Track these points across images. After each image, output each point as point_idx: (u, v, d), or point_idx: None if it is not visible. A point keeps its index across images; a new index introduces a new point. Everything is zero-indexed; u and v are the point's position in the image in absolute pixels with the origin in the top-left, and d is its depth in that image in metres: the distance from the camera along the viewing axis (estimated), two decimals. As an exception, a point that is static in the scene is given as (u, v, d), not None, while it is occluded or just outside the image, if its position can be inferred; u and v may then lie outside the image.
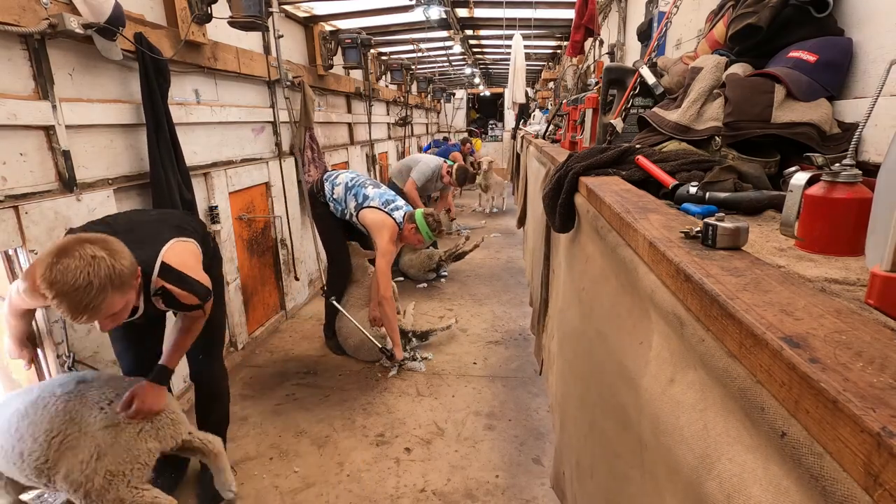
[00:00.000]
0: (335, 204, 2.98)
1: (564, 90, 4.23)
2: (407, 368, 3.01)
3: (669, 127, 1.24)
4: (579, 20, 3.41)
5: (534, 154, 3.00)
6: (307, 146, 3.98)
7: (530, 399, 2.67)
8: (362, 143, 6.13)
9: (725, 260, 0.55)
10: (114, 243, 1.25)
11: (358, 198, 2.91)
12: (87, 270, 1.14)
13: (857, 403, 0.29)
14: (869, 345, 0.36)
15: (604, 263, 0.94)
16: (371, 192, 2.92)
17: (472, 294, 4.29)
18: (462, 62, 9.06)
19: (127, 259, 1.25)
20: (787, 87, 1.08)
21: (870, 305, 0.45)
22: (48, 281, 1.12)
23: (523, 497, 1.99)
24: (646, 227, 0.68)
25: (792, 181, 0.65)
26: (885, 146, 0.90)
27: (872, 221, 0.53)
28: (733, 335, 0.42)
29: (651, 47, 1.90)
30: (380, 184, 3.09)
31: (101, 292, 1.16)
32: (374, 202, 2.88)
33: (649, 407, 0.63)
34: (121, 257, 1.23)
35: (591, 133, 2.02)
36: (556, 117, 3.44)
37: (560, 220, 1.20)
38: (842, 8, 1.15)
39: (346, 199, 2.93)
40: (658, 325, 0.64)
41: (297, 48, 4.39)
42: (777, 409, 0.37)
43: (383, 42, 6.27)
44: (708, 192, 0.88)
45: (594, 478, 0.94)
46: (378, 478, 2.09)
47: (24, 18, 1.66)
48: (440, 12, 4.64)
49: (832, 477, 0.30)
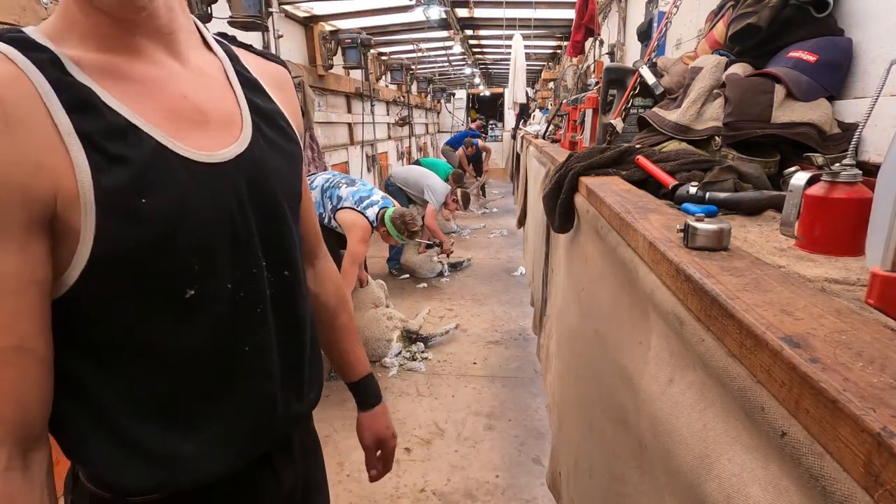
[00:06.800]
0: (317, 209, 2.96)
1: (564, 90, 4.23)
2: (407, 368, 3.01)
3: (669, 127, 1.24)
4: (580, 20, 3.41)
5: (534, 154, 3.00)
6: (307, 146, 3.98)
7: (530, 399, 2.67)
8: (362, 143, 6.12)
9: (725, 260, 0.55)
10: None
11: (333, 200, 2.89)
12: None
13: (858, 403, 0.29)
14: (869, 345, 0.36)
15: (603, 263, 0.94)
16: (344, 193, 2.89)
17: (473, 294, 4.29)
18: (462, 62, 9.07)
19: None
20: (787, 87, 1.08)
21: (870, 305, 0.45)
22: None
23: (523, 497, 1.99)
24: (646, 228, 0.68)
25: (792, 181, 0.65)
26: (885, 146, 0.90)
27: (872, 221, 0.53)
28: (733, 335, 0.42)
29: (651, 47, 1.90)
30: (354, 180, 3.05)
31: None
32: (348, 202, 2.86)
33: (648, 407, 0.63)
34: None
35: (591, 133, 2.02)
36: (556, 117, 3.44)
37: (560, 220, 1.20)
38: (842, 8, 1.15)
39: (324, 203, 2.91)
40: (657, 325, 0.64)
41: (296, 48, 4.39)
42: (777, 409, 0.36)
43: (383, 42, 6.28)
44: (708, 192, 0.88)
45: (593, 478, 0.94)
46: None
47: (24, 18, 1.66)
48: (440, 12, 4.64)
49: (832, 477, 0.30)
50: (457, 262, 4.95)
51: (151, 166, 0.51)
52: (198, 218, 0.54)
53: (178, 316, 0.55)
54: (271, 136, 0.64)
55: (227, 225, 0.57)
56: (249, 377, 0.62)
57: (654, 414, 0.60)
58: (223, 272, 0.57)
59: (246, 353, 0.61)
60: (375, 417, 0.95)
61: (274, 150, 0.64)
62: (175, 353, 0.56)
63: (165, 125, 0.54)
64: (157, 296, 0.54)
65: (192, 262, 0.54)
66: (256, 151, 0.61)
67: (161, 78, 0.56)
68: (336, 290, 0.89)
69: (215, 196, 0.56)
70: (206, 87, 0.60)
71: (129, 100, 0.52)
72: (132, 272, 0.51)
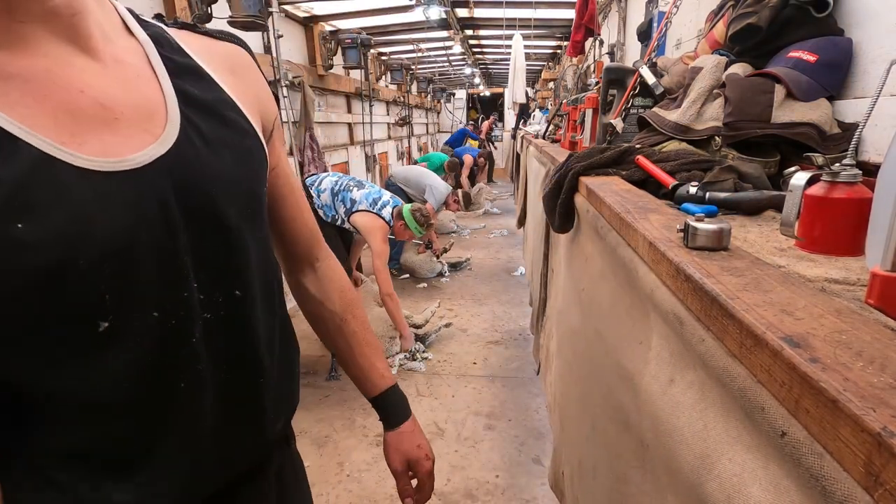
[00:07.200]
0: (325, 210, 3.00)
1: (564, 90, 4.23)
2: (407, 369, 3.01)
3: (669, 127, 1.24)
4: (580, 20, 3.41)
5: (534, 154, 3.00)
6: (307, 146, 3.98)
7: (530, 399, 2.67)
8: (362, 143, 6.12)
9: (725, 260, 0.55)
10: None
11: (346, 203, 2.95)
12: None
13: (858, 403, 0.29)
14: (869, 345, 0.36)
15: (603, 263, 0.94)
16: (357, 196, 2.96)
17: (473, 294, 4.29)
18: (462, 62, 9.06)
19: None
20: (787, 87, 1.08)
21: (870, 305, 0.45)
22: None
23: (523, 497, 1.99)
24: (646, 227, 0.68)
25: (792, 181, 0.65)
26: (885, 146, 0.90)
27: (872, 221, 0.53)
28: (733, 335, 0.42)
29: (651, 47, 1.90)
30: (363, 182, 3.12)
31: None
32: (363, 205, 2.93)
33: (649, 407, 0.63)
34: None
35: (590, 133, 2.02)
36: (556, 117, 3.44)
37: (559, 219, 1.20)
38: (842, 8, 1.15)
39: (336, 206, 2.97)
40: (657, 325, 0.64)
41: (296, 48, 4.39)
42: (777, 409, 0.37)
43: (383, 42, 6.28)
44: (708, 192, 0.88)
45: (596, 478, 0.94)
46: (378, 478, 2.09)
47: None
48: (440, 12, 4.64)
49: (832, 476, 0.30)
50: (457, 262, 4.96)
51: (30, 183, 0.41)
52: (105, 239, 0.45)
53: (92, 353, 0.46)
54: (211, 131, 0.54)
55: (147, 243, 0.47)
56: (186, 417, 0.54)
57: (656, 414, 0.60)
58: (145, 299, 0.48)
59: (181, 389, 0.52)
60: (403, 437, 0.82)
61: (213, 146, 0.53)
62: (92, 395, 0.47)
63: (57, 129, 0.44)
64: (62, 332, 0.45)
65: (101, 290, 0.45)
66: (186, 150, 0.51)
67: (53, 72, 0.45)
68: (342, 294, 0.80)
69: (128, 211, 0.46)
70: (116, 78, 0.49)
71: (6, 102, 0.42)
72: (24, 310, 0.43)
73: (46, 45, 0.45)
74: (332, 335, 0.80)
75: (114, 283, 0.46)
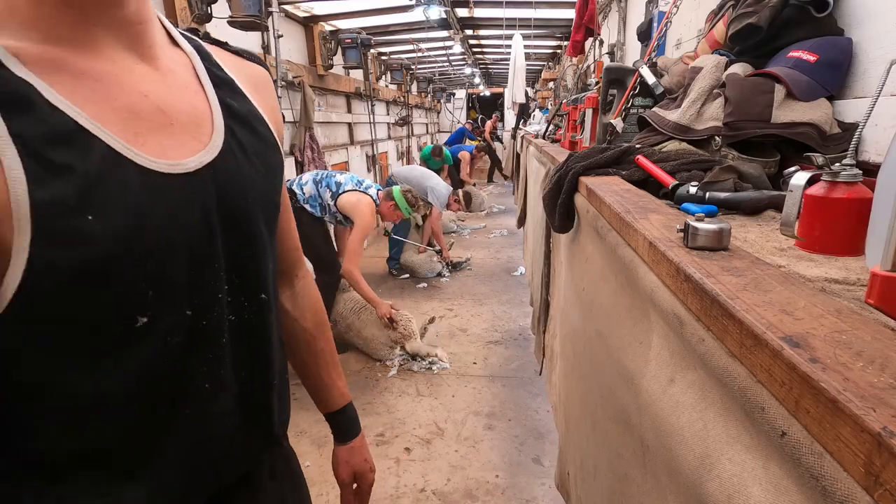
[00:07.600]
0: (311, 204, 2.98)
1: (564, 90, 4.23)
2: (407, 368, 3.01)
3: (669, 127, 1.24)
4: (580, 20, 3.40)
5: (534, 154, 3.00)
6: (307, 146, 3.98)
7: (530, 399, 2.67)
8: (362, 143, 6.13)
9: (725, 260, 0.55)
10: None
11: (332, 187, 2.96)
12: None
13: (858, 403, 0.29)
14: (869, 344, 0.36)
15: (603, 263, 0.94)
16: (342, 179, 2.99)
17: (472, 294, 4.30)
18: (462, 62, 9.06)
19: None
20: (787, 86, 1.08)
21: (870, 305, 0.45)
22: None
23: (523, 497, 1.99)
24: (646, 227, 0.68)
25: (792, 181, 0.65)
26: (885, 146, 0.90)
27: (872, 221, 0.53)
28: (733, 335, 0.42)
29: (651, 47, 1.90)
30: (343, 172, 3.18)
31: None
32: (349, 185, 2.96)
33: (649, 407, 0.63)
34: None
35: (591, 133, 2.02)
36: (556, 117, 3.44)
37: (560, 219, 1.20)
38: (842, 8, 1.15)
39: (321, 193, 2.97)
40: (658, 325, 0.64)
41: (296, 48, 4.39)
42: (777, 409, 0.37)
43: (383, 42, 6.28)
44: (708, 192, 0.88)
45: (598, 478, 0.94)
46: (378, 477, 2.08)
47: None
48: (440, 12, 4.64)
49: (832, 476, 0.30)
50: (457, 262, 4.96)
51: (101, 177, 0.43)
52: (154, 237, 0.47)
53: (125, 349, 0.47)
54: (247, 142, 0.57)
55: (188, 245, 0.50)
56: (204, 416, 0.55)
57: (656, 414, 0.60)
58: (181, 298, 0.50)
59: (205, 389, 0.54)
60: (354, 451, 0.87)
61: (250, 157, 0.57)
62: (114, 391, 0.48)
63: (122, 128, 0.46)
64: (100, 326, 0.45)
65: (144, 286, 0.47)
66: (229, 159, 0.54)
67: (118, 76, 0.47)
68: (315, 314, 0.82)
69: (177, 212, 0.48)
70: (171, 86, 0.52)
71: (79, 98, 0.44)
72: (72, 300, 0.43)
73: (112, 50, 0.48)
74: (302, 351, 0.81)
75: (155, 280, 0.48)
